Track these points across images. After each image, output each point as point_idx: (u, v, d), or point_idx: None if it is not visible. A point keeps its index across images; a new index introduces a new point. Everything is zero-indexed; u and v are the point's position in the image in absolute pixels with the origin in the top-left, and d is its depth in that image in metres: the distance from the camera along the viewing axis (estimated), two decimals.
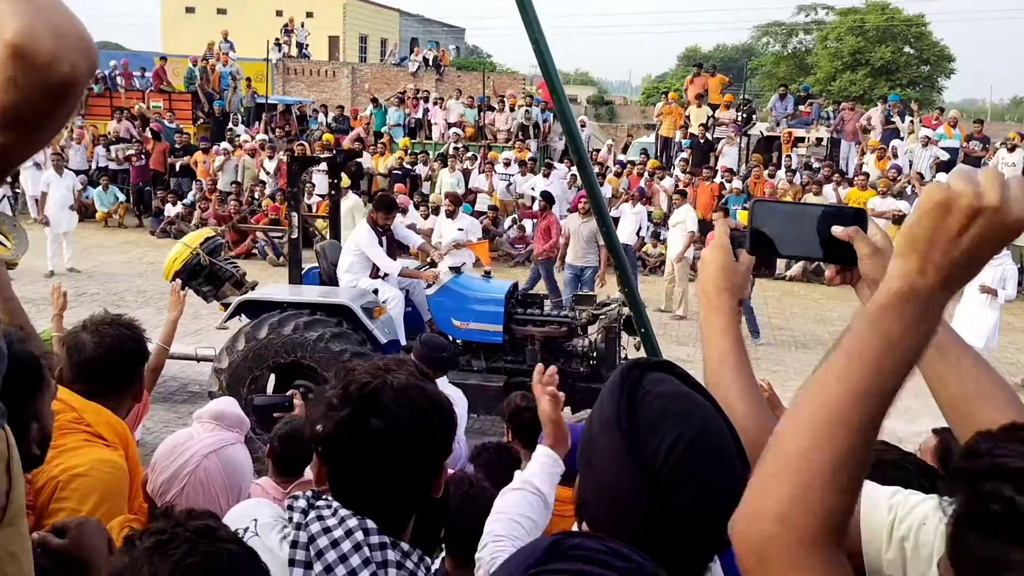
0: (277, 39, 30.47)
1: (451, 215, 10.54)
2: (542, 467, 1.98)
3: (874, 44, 36.84)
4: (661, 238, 14.23)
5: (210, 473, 1.69)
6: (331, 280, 7.32)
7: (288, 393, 4.62)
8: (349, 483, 1.41)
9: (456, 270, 7.57)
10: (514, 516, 1.87)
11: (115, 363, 2.11)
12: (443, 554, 2.62)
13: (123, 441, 1.93)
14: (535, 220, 15.46)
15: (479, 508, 2.11)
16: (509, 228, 15.89)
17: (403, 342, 7.00)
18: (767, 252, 1.38)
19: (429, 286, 7.33)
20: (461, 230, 10.34)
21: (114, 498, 1.80)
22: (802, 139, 18.40)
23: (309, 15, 38.59)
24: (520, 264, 15.06)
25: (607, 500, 1.15)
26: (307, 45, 32.87)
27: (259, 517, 1.42)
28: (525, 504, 1.91)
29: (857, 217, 1.34)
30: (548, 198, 12.57)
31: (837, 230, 1.31)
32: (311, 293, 7.01)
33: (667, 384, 1.18)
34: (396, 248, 7.79)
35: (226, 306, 6.88)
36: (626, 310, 6.97)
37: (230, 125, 19.98)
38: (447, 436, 1.46)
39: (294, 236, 7.19)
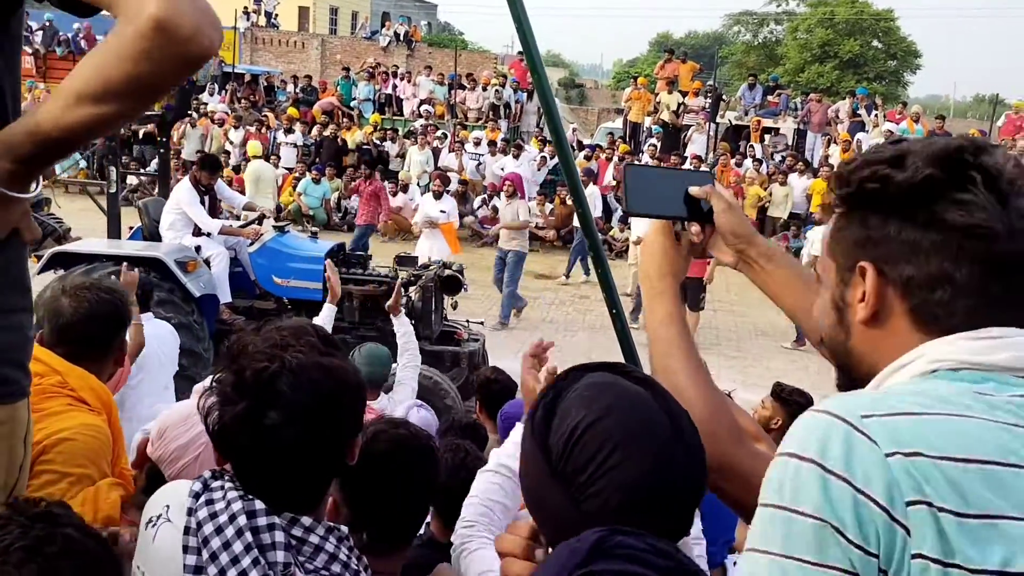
0: (246, 7, 29.93)
1: (438, 195, 10.60)
2: (518, 446, 1.96)
3: (843, 37, 37.21)
4: (628, 222, 14.34)
5: None
6: (153, 237, 7.45)
7: None
8: (251, 471, 1.35)
9: (280, 229, 7.74)
10: (485, 501, 1.88)
11: (94, 328, 2.10)
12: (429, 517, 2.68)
13: (106, 406, 1.94)
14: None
15: (473, 476, 2.14)
16: (478, 208, 15.87)
17: (227, 299, 7.26)
18: (641, 213, 1.50)
19: (252, 244, 7.50)
20: (443, 212, 10.39)
21: (99, 462, 1.82)
22: (771, 129, 18.62)
23: None
24: (489, 244, 15.06)
25: (526, 492, 1.13)
26: (276, 15, 32.32)
27: (171, 502, 1.37)
28: (497, 489, 1.90)
29: (712, 180, 1.51)
30: (373, 165, 13.18)
31: (694, 190, 1.44)
32: (126, 247, 7.12)
33: (600, 378, 1.12)
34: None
35: (40, 258, 6.96)
36: (446, 272, 7.37)
37: (204, 94, 19.65)
38: (355, 411, 1.41)
39: (112, 191, 7.35)
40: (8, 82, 1.16)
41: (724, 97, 20.83)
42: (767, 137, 18.20)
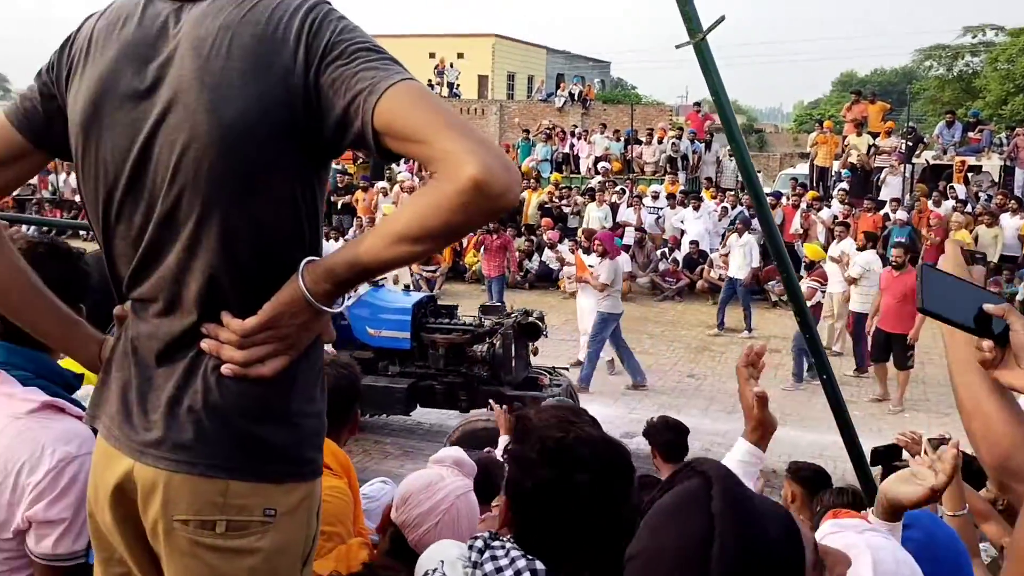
0: (430, 80, 31.76)
1: (587, 251, 11.16)
2: (740, 464, 1.88)
3: None
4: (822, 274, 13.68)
5: (460, 512, 1.87)
6: None
7: None
8: (539, 531, 1.48)
9: (375, 283, 8.08)
10: None
11: (333, 401, 2.29)
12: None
13: (345, 470, 2.12)
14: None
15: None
16: (659, 260, 15.78)
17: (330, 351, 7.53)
18: (933, 313, 1.50)
19: (349, 298, 7.85)
20: (591, 266, 10.60)
21: (345, 521, 1.99)
22: (974, 167, 17.37)
23: (460, 56, 39.96)
24: (670, 299, 14.88)
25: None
26: (458, 84, 34.09)
27: (445, 558, 1.53)
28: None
29: (1003, 300, 1.50)
30: (505, 222, 13.61)
31: (989, 307, 1.43)
32: None
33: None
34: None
35: None
36: (528, 319, 7.65)
37: (396, 164, 20.93)
38: (631, 486, 1.53)
39: None
40: (322, 204, 1.37)
41: (925, 140, 19.64)
42: (970, 176, 16.97)
